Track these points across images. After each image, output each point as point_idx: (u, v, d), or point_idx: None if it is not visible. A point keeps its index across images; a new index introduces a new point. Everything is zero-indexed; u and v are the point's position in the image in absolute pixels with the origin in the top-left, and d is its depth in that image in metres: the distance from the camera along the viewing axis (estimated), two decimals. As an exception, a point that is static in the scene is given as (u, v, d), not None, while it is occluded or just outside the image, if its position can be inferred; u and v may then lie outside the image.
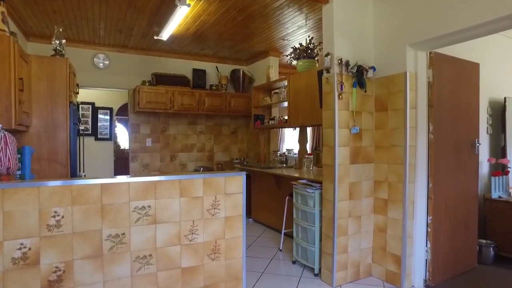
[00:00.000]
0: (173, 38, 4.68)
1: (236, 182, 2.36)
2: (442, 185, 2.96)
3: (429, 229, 2.87)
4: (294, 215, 3.46)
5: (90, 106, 6.01)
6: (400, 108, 2.85)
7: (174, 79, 5.33)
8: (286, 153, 5.06)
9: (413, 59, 2.84)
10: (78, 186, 1.91)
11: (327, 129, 2.98)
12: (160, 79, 5.21)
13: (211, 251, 2.30)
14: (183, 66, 5.61)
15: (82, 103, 5.97)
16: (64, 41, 3.33)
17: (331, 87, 2.91)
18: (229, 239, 2.37)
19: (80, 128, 4.01)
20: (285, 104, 4.81)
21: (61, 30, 3.25)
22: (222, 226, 2.33)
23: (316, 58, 4.31)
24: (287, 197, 3.79)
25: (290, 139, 8.27)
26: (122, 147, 8.42)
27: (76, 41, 4.83)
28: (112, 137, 6.20)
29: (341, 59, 2.86)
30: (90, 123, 6.01)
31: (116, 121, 7.22)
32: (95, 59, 5.01)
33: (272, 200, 4.57)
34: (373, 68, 3.00)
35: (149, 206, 2.10)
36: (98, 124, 6.07)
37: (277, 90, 5.05)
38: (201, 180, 2.24)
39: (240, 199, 2.38)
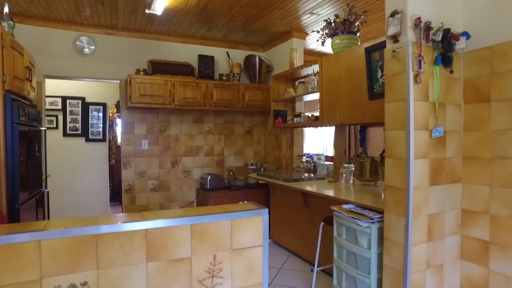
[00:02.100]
0: (170, 13, 3.68)
1: (252, 227, 1.35)
2: None
3: None
4: (335, 254, 2.41)
5: (80, 101, 5.10)
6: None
7: (176, 67, 4.34)
8: (315, 159, 4.01)
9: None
10: None
11: (393, 131, 1.91)
12: (158, 68, 4.23)
13: None
14: (187, 52, 4.62)
15: (70, 97, 5.06)
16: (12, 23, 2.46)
17: (401, 65, 1.83)
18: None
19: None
20: (314, 96, 3.75)
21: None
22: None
23: (358, 34, 3.23)
24: (322, 223, 2.75)
25: (311, 140, 7.21)
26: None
27: (52, 20, 3.90)
28: (105, 137, 5.27)
29: (419, 19, 1.78)
30: (80, 121, 5.11)
31: (117, 119, 6.32)
32: (77, 43, 4.07)
33: (298, 220, 3.54)
34: (466, 34, 1.91)
35: (84, 284, 1.10)
36: (90, 122, 5.15)
37: (304, 79, 3.99)
38: (188, 228, 1.23)
39: (258, 257, 1.36)
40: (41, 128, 2.94)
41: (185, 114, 4.63)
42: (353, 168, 3.20)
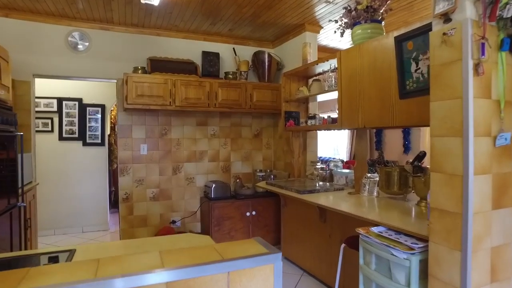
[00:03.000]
0: (169, 4, 3.30)
1: (259, 281, 0.93)
2: None
3: None
4: (362, 286, 1.98)
5: (77, 103, 4.76)
6: None
7: (177, 65, 3.97)
8: (332, 166, 3.57)
9: None
10: None
11: (443, 137, 1.47)
12: (157, 66, 3.86)
13: None
14: (190, 49, 4.24)
15: (66, 99, 4.73)
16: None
17: (455, 52, 1.40)
18: None
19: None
20: (331, 95, 3.32)
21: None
22: None
23: (383, 23, 2.79)
24: (343, 245, 2.32)
25: (322, 142, 6.76)
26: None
27: (41, 14, 3.56)
28: (104, 141, 4.93)
29: (481, -10, 1.35)
30: (77, 124, 4.77)
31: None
32: (69, 39, 3.72)
33: (313, 236, 3.11)
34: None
35: None
36: (87, 125, 4.81)
37: (318, 77, 3.56)
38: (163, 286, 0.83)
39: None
40: (17, 133, 2.57)
41: (187, 116, 4.25)
42: (378, 179, 2.76)
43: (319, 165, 3.79)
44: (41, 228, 4.61)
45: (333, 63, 3.08)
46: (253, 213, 4.07)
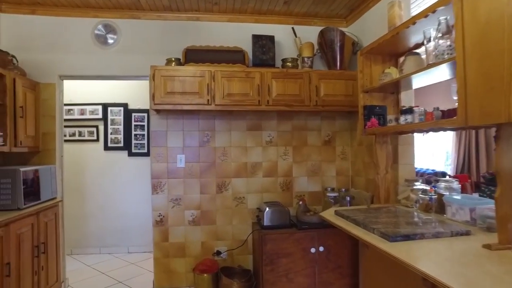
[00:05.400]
0: (197, -33, 2.47)
1: None
2: None
3: None
4: None
5: (122, 108, 4.30)
6: None
7: (220, 55, 3.12)
8: (441, 187, 2.24)
9: None
10: None
11: None
12: (194, 57, 3.06)
13: None
14: (237, 34, 3.37)
15: (111, 104, 4.30)
16: None
17: None
18: None
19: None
20: (435, 77, 2.02)
21: None
22: None
23: None
24: None
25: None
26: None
27: (66, 6, 3.08)
28: (150, 151, 4.35)
29: None
30: (122, 132, 4.30)
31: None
32: (96, 32, 3.18)
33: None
34: None
35: None
36: (133, 133, 4.30)
37: (417, 49, 2.29)
38: None
39: None
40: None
41: (236, 118, 3.36)
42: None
43: (418, 186, 2.49)
44: (87, 245, 4.25)
45: (444, 16, 1.81)
46: (320, 249, 2.94)
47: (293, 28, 3.38)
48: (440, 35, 1.77)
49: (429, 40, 1.85)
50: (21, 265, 2.48)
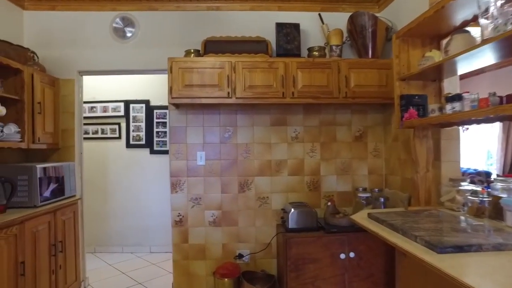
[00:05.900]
0: None
1: None
2: None
3: None
4: None
5: (144, 105, 4.22)
6: None
7: (241, 45, 2.92)
8: (497, 189, 1.91)
9: None
10: None
11: None
12: (214, 48, 2.89)
13: None
14: (259, 23, 3.16)
15: (133, 101, 4.23)
16: None
17: None
18: None
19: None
20: (483, 61, 1.71)
21: None
22: None
23: None
24: None
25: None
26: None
27: (85, 0, 3.02)
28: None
29: None
30: (144, 129, 4.22)
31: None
32: (114, 25, 3.09)
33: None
34: None
35: None
36: (155, 130, 4.21)
37: (467, 28, 1.98)
38: None
39: None
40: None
41: (259, 112, 3.15)
42: None
43: (466, 186, 2.16)
44: (111, 244, 4.21)
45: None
46: (351, 255, 2.66)
47: (319, 14, 3.13)
48: (503, 0, 1.46)
49: (485, 11, 1.54)
50: (37, 264, 2.41)
